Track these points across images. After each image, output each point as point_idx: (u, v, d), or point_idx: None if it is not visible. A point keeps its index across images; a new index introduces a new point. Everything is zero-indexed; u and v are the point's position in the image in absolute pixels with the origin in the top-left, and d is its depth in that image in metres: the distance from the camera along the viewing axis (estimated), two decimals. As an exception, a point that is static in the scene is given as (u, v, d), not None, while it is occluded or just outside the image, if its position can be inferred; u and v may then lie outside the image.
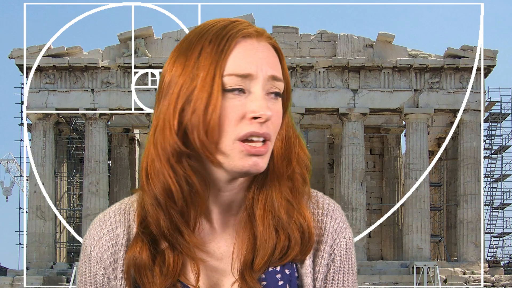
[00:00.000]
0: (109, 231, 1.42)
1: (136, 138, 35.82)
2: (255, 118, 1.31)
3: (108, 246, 1.41)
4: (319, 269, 1.42)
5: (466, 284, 28.35)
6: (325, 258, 1.42)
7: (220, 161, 1.33)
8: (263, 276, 1.37)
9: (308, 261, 1.41)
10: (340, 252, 1.43)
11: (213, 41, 1.33)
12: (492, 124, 32.67)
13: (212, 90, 1.31)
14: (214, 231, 1.40)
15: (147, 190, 1.36)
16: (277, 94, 1.35)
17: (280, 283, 1.37)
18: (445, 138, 32.13)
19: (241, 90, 1.32)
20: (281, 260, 1.37)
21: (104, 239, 1.42)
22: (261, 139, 1.31)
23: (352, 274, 1.44)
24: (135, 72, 29.96)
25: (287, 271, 1.39)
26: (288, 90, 1.39)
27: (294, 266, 1.40)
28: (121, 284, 1.41)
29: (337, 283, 1.42)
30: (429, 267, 27.86)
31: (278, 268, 1.38)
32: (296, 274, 1.40)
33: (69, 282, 27.77)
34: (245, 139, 1.31)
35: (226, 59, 1.32)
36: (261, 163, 1.32)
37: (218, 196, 1.38)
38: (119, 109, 30.50)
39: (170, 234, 1.35)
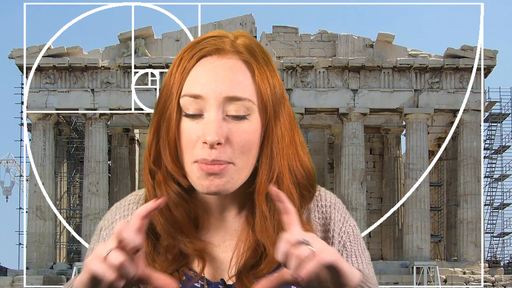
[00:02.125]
0: (121, 217, 1.47)
1: (136, 138, 35.80)
2: (205, 143, 1.31)
3: None
4: None
5: (466, 284, 28.35)
6: (335, 244, 1.45)
7: (189, 179, 1.36)
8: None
9: None
10: (349, 238, 1.46)
11: (183, 59, 1.36)
12: (492, 124, 32.67)
13: (172, 112, 1.34)
14: (218, 226, 1.44)
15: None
16: (237, 116, 1.33)
17: None
18: (445, 138, 32.13)
19: (196, 113, 1.33)
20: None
21: (115, 223, 1.47)
22: (216, 163, 1.32)
23: (365, 256, 1.47)
24: (135, 72, 29.96)
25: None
26: (269, 107, 1.36)
27: None
28: None
29: (352, 265, 1.42)
30: (429, 267, 27.86)
31: None
32: None
33: (69, 282, 27.76)
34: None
35: (185, 80, 1.34)
36: (220, 182, 1.32)
37: (213, 201, 1.42)
38: (119, 109, 30.50)
39: (171, 238, 1.40)
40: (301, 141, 1.43)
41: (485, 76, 30.59)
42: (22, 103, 30.49)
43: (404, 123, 31.47)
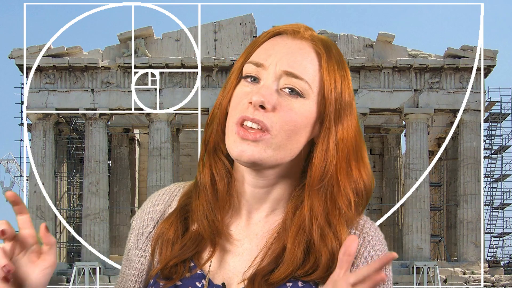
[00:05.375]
0: (152, 205, 1.47)
1: (136, 138, 35.80)
2: (250, 103, 1.31)
3: (144, 219, 1.47)
4: None
5: (466, 284, 28.35)
6: None
7: (226, 143, 1.35)
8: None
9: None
10: None
11: (258, 38, 1.39)
12: (492, 124, 32.67)
13: (233, 78, 1.37)
14: (241, 226, 1.40)
15: None
16: (293, 91, 1.32)
17: None
18: (445, 138, 32.13)
19: (256, 79, 1.34)
20: (302, 278, 1.32)
21: (144, 212, 1.47)
22: (254, 125, 1.30)
23: None
24: (135, 72, 29.95)
25: (300, 284, 1.33)
26: (328, 101, 1.34)
27: (312, 283, 1.33)
28: (137, 253, 1.45)
29: None
30: (429, 267, 27.86)
31: (290, 284, 1.32)
32: None
33: (69, 282, 27.76)
34: (242, 124, 1.32)
35: (255, 50, 1.37)
36: (251, 151, 1.30)
37: (247, 190, 1.39)
38: (119, 109, 30.50)
39: (200, 215, 1.38)
40: (366, 161, 1.38)
41: (485, 76, 30.59)
42: (22, 103, 30.49)
43: (404, 123, 31.48)
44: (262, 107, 1.30)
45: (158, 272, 1.38)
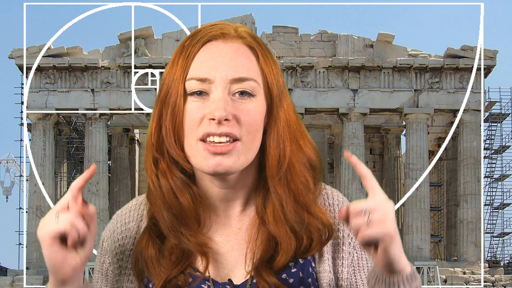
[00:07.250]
0: (122, 225, 1.48)
1: (136, 138, 35.80)
2: (213, 119, 1.33)
3: (118, 239, 1.47)
4: (342, 256, 1.45)
5: (466, 284, 28.35)
6: (346, 245, 1.46)
7: (192, 163, 1.37)
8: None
9: (326, 248, 1.44)
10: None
11: (185, 46, 1.39)
12: (492, 124, 32.67)
13: (178, 95, 1.36)
14: (222, 224, 1.44)
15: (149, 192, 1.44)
16: (242, 93, 1.36)
17: (293, 270, 1.39)
18: (445, 138, 32.12)
19: (202, 93, 1.35)
20: (301, 256, 1.40)
21: (116, 232, 1.48)
22: (223, 139, 1.33)
23: (371, 260, 1.47)
24: (135, 72, 29.96)
25: (301, 261, 1.41)
26: (273, 90, 1.40)
27: (310, 257, 1.42)
28: (125, 273, 1.46)
29: (363, 268, 1.45)
30: (429, 267, 27.86)
31: (293, 263, 1.40)
32: (313, 264, 1.43)
33: (69, 282, 27.75)
34: (207, 140, 1.34)
35: (191, 64, 1.37)
36: (227, 163, 1.33)
37: (217, 193, 1.42)
38: (119, 109, 30.51)
39: (174, 234, 1.39)
40: (307, 134, 1.46)
41: (485, 76, 30.59)
42: (22, 103, 30.49)
43: (404, 123, 31.48)
44: (225, 119, 1.33)
45: (162, 286, 1.39)
